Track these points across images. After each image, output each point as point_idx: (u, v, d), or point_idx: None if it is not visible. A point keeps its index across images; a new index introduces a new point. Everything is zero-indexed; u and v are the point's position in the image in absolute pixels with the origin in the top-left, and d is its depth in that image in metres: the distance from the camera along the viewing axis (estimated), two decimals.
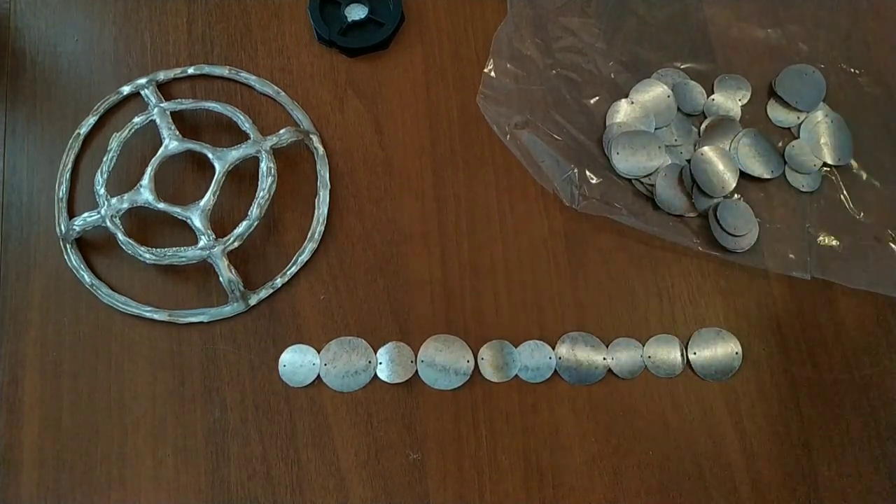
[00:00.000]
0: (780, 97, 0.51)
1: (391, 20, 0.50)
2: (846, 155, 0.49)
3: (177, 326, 0.44)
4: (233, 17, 0.51)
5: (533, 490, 0.42)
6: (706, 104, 0.50)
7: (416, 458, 0.42)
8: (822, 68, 0.51)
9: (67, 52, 0.50)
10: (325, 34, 0.50)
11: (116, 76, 0.49)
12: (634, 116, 0.49)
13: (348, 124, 0.49)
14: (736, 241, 0.46)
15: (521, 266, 0.46)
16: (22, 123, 0.48)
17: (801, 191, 0.49)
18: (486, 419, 0.43)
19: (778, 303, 0.46)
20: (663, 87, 0.50)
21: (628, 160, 0.48)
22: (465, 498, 0.42)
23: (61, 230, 0.45)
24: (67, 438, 0.42)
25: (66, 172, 0.47)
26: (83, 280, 0.44)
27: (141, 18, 0.51)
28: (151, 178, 0.44)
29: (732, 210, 0.47)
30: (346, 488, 0.41)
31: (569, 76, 0.50)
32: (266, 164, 0.45)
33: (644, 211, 0.48)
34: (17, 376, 0.43)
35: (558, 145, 0.48)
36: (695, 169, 0.48)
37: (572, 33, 0.51)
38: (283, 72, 0.50)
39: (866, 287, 0.46)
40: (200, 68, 0.49)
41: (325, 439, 0.42)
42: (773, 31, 0.53)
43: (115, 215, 0.44)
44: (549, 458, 0.43)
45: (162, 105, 0.47)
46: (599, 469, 0.42)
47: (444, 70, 0.51)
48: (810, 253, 0.47)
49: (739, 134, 0.49)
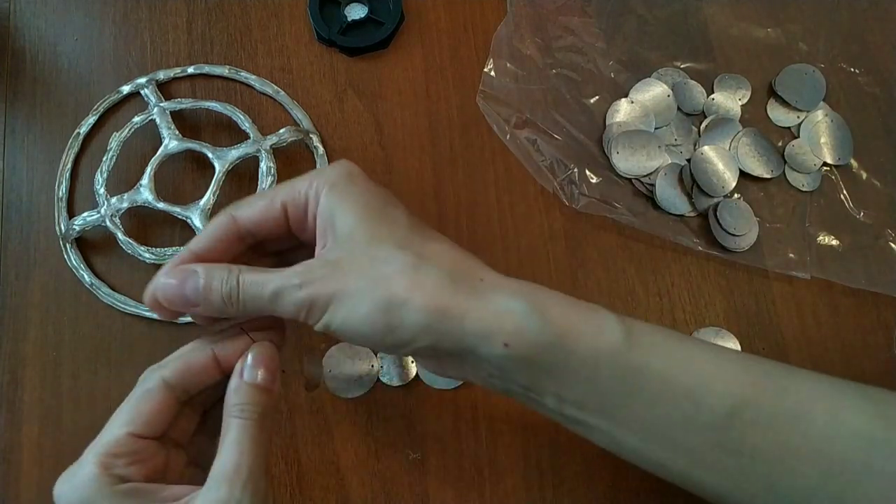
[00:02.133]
0: (780, 97, 0.51)
1: (391, 20, 0.50)
2: (846, 154, 0.49)
3: (177, 326, 0.44)
4: (232, 17, 0.51)
5: (533, 490, 0.42)
6: (706, 104, 0.50)
7: (415, 457, 0.42)
8: (822, 68, 0.51)
9: (67, 51, 0.50)
10: (325, 33, 0.50)
11: (116, 75, 0.49)
12: (634, 116, 0.49)
13: (348, 124, 0.49)
14: (736, 240, 0.46)
15: (520, 265, 0.46)
16: (22, 123, 0.48)
17: (801, 190, 0.49)
18: (485, 419, 0.43)
19: (778, 303, 0.46)
20: (663, 87, 0.50)
21: (628, 160, 0.48)
22: (465, 498, 0.42)
23: (61, 230, 0.45)
24: (67, 438, 0.42)
25: (66, 172, 0.47)
26: (83, 280, 0.44)
27: (141, 18, 0.51)
28: (151, 177, 0.44)
29: (732, 210, 0.47)
30: (346, 488, 0.41)
31: (569, 76, 0.50)
32: (266, 163, 0.45)
33: (644, 211, 0.48)
34: (17, 376, 0.43)
35: (558, 145, 0.48)
36: (695, 168, 0.48)
37: (572, 33, 0.51)
38: (282, 71, 0.50)
39: (866, 287, 0.46)
40: (200, 68, 0.49)
41: (325, 439, 0.42)
42: (773, 31, 0.53)
43: (115, 215, 0.44)
44: (549, 458, 0.43)
45: (162, 104, 0.47)
46: (599, 469, 0.42)
47: (443, 69, 0.51)
48: (810, 252, 0.47)
49: (739, 133, 0.49)
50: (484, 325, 0.29)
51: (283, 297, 0.30)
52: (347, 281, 0.29)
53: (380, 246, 0.30)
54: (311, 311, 0.30)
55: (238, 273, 0.30)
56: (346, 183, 0.32)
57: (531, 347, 0.29)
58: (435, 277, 0.29)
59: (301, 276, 0.30)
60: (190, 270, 0.30)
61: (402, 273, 0.29)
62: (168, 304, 0.31)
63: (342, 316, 0.29)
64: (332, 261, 0.30)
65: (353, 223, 0.30)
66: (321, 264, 0.30)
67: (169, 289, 0.31)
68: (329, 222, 0.31)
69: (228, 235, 0.32)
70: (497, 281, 0.31)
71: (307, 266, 0.30)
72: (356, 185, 0.32)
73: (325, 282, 0.29)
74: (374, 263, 0.30)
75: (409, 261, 0.30)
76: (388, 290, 0.29)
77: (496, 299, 0.30)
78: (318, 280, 0.29)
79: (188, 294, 0.30)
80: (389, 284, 0.29)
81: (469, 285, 0.30)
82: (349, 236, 0.30)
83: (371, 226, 0.30)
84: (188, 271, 0.30)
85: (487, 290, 0.30)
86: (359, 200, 0.31)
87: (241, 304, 0.30)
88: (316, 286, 0.29)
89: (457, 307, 0.29)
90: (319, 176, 0.32)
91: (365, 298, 0.29)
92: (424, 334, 0.29)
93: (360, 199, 0.31)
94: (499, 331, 0.29)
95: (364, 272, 0.29)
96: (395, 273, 0.29)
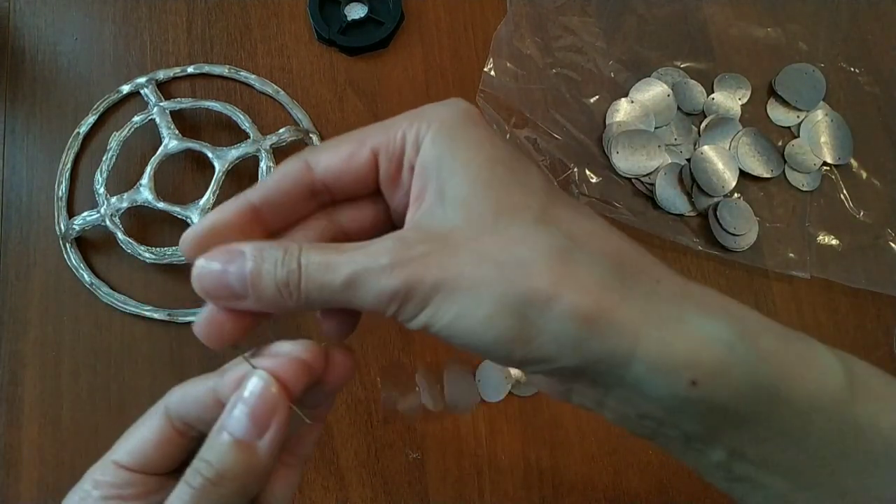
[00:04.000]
0: (780, 96, 0.51)
1: (391, 19, 0.50)
2: (846, 154, 0.49)
3: (176, 325, 0.44)
4: (232, 16, 0.51)
5: (533, 490, 0.42)
6: (706, 103, 0.50)
7: (415, 457, 0.42)
8: (822, 67, 0.51)
9: (67, 51, 0.50)
10: (325, 33, 0.49)
11: (116, 75, 0.49)
12: (634, 115, 0.49)
13: (348, 123, 0.49)
14: (736, 240, 0.46)
15: None
16: (21, 122, 0.48)
17: (800, 190, 0.49)
18: (485, 419, 0.43)
19: (778, 302, 0.46)
20: (663, 87, 0.50)
21: (628, 159, 0.48)
22: (465, 497, 0.42)
23: (61, 229, 0.45)
24: (67, 438, 0.42)
25: (66, 171, 0.47)
26: (83, 279, 0.44)
27: (140, 17, 0.51)
28: (151, 177, 0.44)
29: (732, 209, 0.47)
30: (346, 487, 0.41)
31: (569, 75, 0.50)
32: (266, 163, 0.45)
33: (644, 210, 0.48)
34: (17, 376, 0.43)
35: (558, 144, 0.48)
36: (695, 168, 0.48)
37: (572, 32, 0.51)
38: (282, 71, 0.50)
39: (866, 286, 0.46)
40: (200, 67, 0.49)
41: (325, 438, 0.42)
42: (773, 31, 0.53)
43: (115, 214, 0.44)
44: (549, 457, 0.43)
45: (161, 104, 0.47)
46: (599, 469, 0.42)
47: (443, 69, 0.51)
48: (810, 252, 0.47)
49: (739, 133, 0.49)
50: (665, 354, 0.20)
51: (365, 283, 0.21)
52: (462, 264, 0.21)
53: (512, 218, 0.21)
54: (404, 304, 0.21)
55: (298, 252, 0.22)
56: (462, 125, 0.23)
57: (731, 391, 0.21)
58: (594, 270, 0.21)
59: (392, 252, 0.21)
60: (235, 251, 0.23)
61: (547, 260, 0.20)
62: (208, 296, 0.23)
63: (453, 313, 0.21)
64: (437, 234, 0.21)
65: (472, 183, 0.22)
66: (421, 237, 0.22)
67: (208, 277, 0.23)
68: (435, 178, 0.22)
69: (299, 188, 0.24)
70: (683, 287, 0.22)
71: (400, 239, 0.22)
72: (476, 129, 0.23)
73: (429, 263, 0.21)
74: (504, 242, 0.21)
75: (555, 243, 0.21)
76: (526, 284, 0.20)
77: (687, 317, 0.21)
78: (418, 259, 0.21)
79: (232, 283, 0.22)
80: (528, 275, 0.20)
81: (643, 289, 0.21)
82: (464, 201, 0.21)
83: (498, 189, 0.22)
84: (233, 252, 0.23)
85: (671, 299, 0.21)
86: (480, 151, 0.22)
87: (304, 294, 0.22)
88: (415, 268, 0.21)
89: (627, 319, 0.20)
90: (424, 114, 0.24)
91: (490, 292, 0.20)
92: (572, 352, 0.21)
93: (482, 149, 0.22)
94: (687, 364, 0.20)
95: (489, 253, 0.21)
96: (537, 259, 0.20)
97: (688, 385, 0.20)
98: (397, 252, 0.21)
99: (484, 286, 0.20)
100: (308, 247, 0.22)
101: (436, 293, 0.21)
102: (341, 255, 0.22)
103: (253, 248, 0.22)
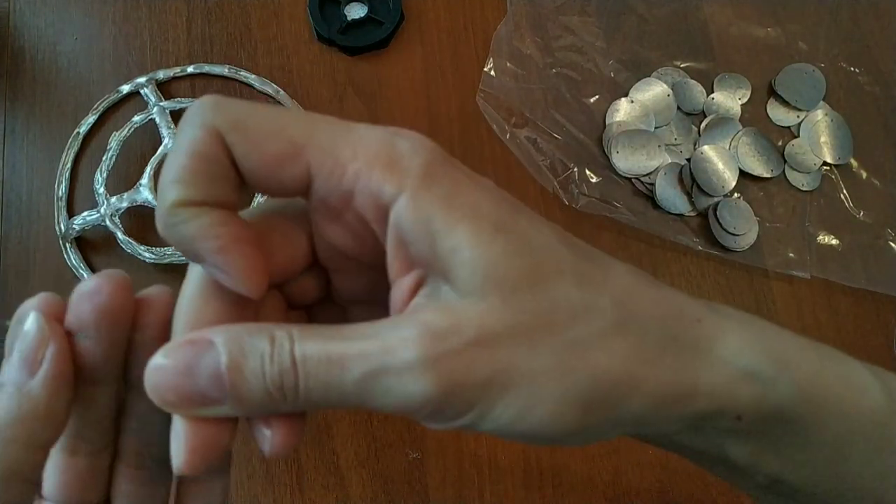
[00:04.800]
0: (780, 96, 0.51)
1: (391, 19, 0.50)
2: (846, 154, 0.49)
3: None
4: (232, 16, 0.51)
5: (533, 490, 0.42)
6: (706, 103, 0.50)
7: (415, 457, 0.42)
8: (822, 67, 0.51)
9: (67, 50, 0.50)
10: (325, 33, 0.49)
11: (116, 75, 0.49)
12: (634, 115, 0.49)
13: None
14: (736, 240, 0.46)
15: None
16: (21, 122, 0.48)
17: (800, 190, 0.49)
18: None
19: (778, 302, 0.46)
20: (663, 86, 0.50)
21: (628, 159, 0.48)
22: (465, 497, 0.42)
23: (61, 229, 0.45)
24: None
25: (66, 171, 0.47)
26: (83, 279, 0.44)
27: (140, 17, 0.51)
28: (151, 176, 0.44)
29: (732, 209, 0.47)
30: (346, 487, 0.41)
31: (568, 75, 0.50)
32: None
33: (644, 210, 0.48)
34: None
35: (558, 144, 0.48)
36: (695, 168, 0.48)
37: (572, 32, 0.51)
38: (282, 70, 0.50)
39: (866, 286, 0.46)
40: (200, 67, 0.49)
41: (324, 438, 0.42)
42: (773, 30, 0.53)
43: (115, 214, 0.44)
44: (549, 458, 0.43)
45: (161, 104, 0.47)
46: (599, 469, 0.42)
47: (443, 69, 0.51)
48: (810, 252, 0.47)
49: (739, 133, 0.49)
50: (715, 401, 0.19)
51: (385, 385, 0.17)
52: (512, 355, 0.17)
53: (553, 288, 0.18)
54: (442, 409, 0.17)
55: (291, 344, 0.17)
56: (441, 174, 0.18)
57: (770, 421, 0.20)
58: (651, 339, 0.19)
59: (420, 347, 0.17)
60: (201, 341, 0.18)
61: (606, 339, 0.18)
62: (170, 406, 0.18)
63: (509, 416, 0.18)
64: (468, 317, 0.17)
65: (486, 249, 0.18)
66: (449, 322, 0.17)
67: (164, 379, 0.17)
68: (430, 246, 0.18)
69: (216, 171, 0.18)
70: (716, 321, 0.20)
71: (425, 326, 0.17)
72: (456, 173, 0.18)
73: (472, 357, 0.17)
74: (552, 321, 0.18)
75: (609, 315, 0.18)
76: (595, 370, 0.18)
77: (727, 356, 0.20)
78: (455, 354, 0.17)
79: (203, 386, 0.17)
80: (591, 358, 0.18)
81: (690, 340, 0.19)
82: (486, 273, 0.17)
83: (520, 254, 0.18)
84: (198, 343, 0.18)
85: (711, 340, 0.20)
86: (478, 207, 0.18)
87: (304, 397, 0.17)
88: (454, 366, 0.17)
89: (689, 383, 0.19)
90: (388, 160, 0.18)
91: (552, 385, 0.18)
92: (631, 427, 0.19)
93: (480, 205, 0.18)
94: (732, 405, 0.19)
95: (540, 339, 0.18)
96: (594, 337, 0.18)
97: (732, 422, 0.20)
98: (427, 346, 0.17)
99: (542, 378, 0.17)
100: (301, 334, 0.17)
101: (485, 394, 0.17)
102: (348, 344, 0.17)
103: (225, 336, 0.17)
